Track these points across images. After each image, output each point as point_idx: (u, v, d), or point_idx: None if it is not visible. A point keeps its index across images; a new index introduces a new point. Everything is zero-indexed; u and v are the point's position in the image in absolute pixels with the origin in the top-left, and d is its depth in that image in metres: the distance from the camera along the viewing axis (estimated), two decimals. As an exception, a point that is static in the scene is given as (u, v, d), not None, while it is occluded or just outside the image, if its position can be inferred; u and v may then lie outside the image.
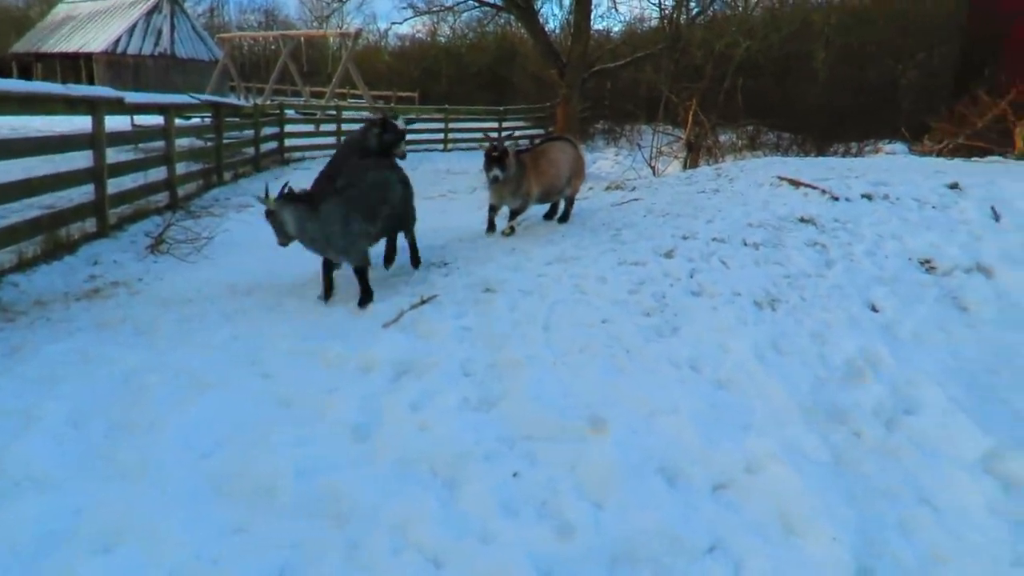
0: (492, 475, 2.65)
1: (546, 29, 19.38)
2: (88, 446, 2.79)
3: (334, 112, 17.73)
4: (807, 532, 2.40)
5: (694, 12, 19.40)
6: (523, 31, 22.56)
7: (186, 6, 34.30)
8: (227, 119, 11.06)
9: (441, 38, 36.85)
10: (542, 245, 5.99)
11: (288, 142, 14.67)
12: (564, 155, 6.97)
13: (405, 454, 2.80)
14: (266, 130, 13.44)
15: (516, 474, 2.67)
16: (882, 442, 2.94)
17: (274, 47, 34.52)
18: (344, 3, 20.98)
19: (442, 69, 33.92)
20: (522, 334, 3.91)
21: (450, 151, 18.51)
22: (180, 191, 8.51)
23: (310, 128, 17.58)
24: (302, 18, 45.02)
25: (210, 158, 10.24)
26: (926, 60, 21.29)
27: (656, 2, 20.22)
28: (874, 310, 4.21)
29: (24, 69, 31.93)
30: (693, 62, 19.48)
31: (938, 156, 11.13)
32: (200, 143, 11.22)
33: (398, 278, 5.28)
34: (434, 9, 21.17)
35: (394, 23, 52.52)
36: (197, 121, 12.16)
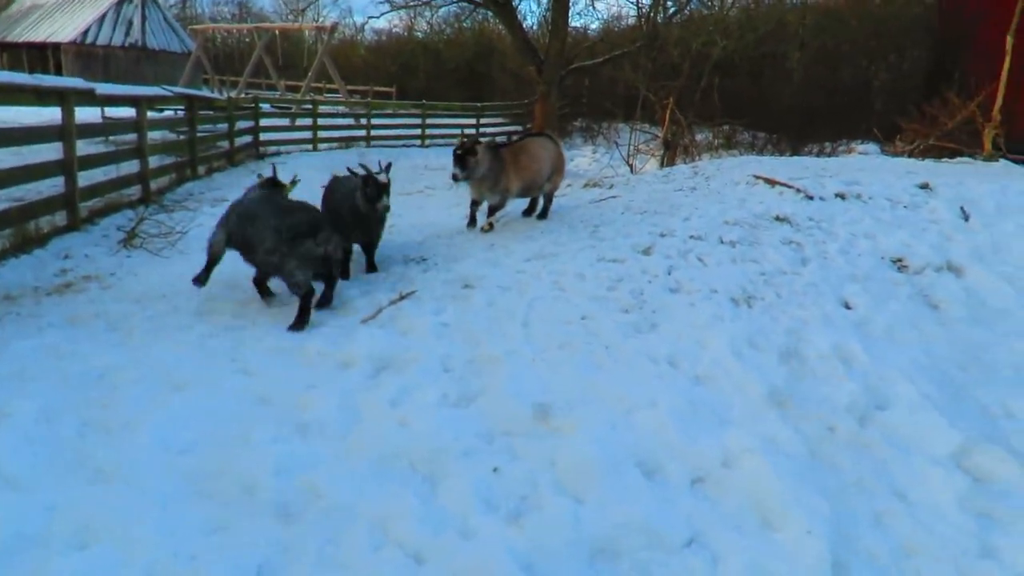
0: (472, 471, 2.65)
1: (524, 26, 19.33)
2: (60, 444, 2.74)
3: (310, 106, 17.54)
4: (783, 525, 2.44)
5: (671, 11, 19.51)
6: (501, 27, 22.48)
7: (158, -4, 33.68)
8: (201, 112, 10.88)
9: (418, 33, 36.63)
10: (521, 241, 6.00)
11: (263, 136, 14.49)
12: (545, 151, 6.98)
13: (384, 450, 2.79)
14: (240, 124, 13.24)
15: (496, 469, 2.67)
16: (856, 437, 3.00)
17: (248, 40, 34.02)
18: (320, -4, 20.73)
19: (419, 65, 33.70)
20: (501, 330, 3.92)
21: (428, 147, 18.41)
22: (153, 185, 8.35)
23: (285, 122, 17.38)
24: (277, 11, 44.50)
25: (183, 151, 10.08)
26: (897, 61, 21.64)
27: (633, 0, 20.29)
28: (847, 307, 4.28)
29: (-11, 58, 31.13)
30: (670, 61, 19.59)
31: (909, 156, 11.35)
32: (173, 136, 11.04)
33: (377, 274, 5.25)
34: (411, 4, 21.02)
35: (371, 17, 52.08)
36: (170, 114, 11.96)
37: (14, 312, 4.21)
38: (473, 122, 20.56)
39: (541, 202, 7.30)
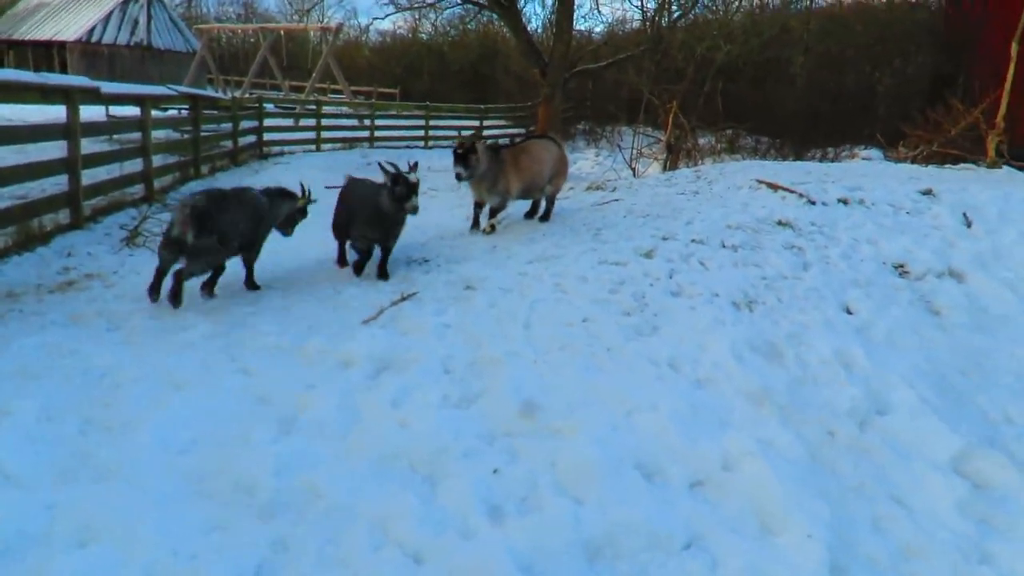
0: (472, 471, 2.66)
1: (528, 28, 19.39)
2: (62, 443, 2.74)
3: (314, 107, 17.58)
4: (782, 529, 2.44)
5: (675, 15, 19.56)
6: (505, 30, 22.55)
7: (163, -4, 33.77)
8: (205, 112, 10.91)
9: (423, 35, 36.70)
10: (523, 243, 6.00)
11: (267, 136, 14.52)
12: (547, 153, 6.99)
13: (385, 451, 2.79)
14: (244, 123, 13.27)
15: (496, 470, 2.67)
16: (856, 441, 3.00)
17: (253, 40, 34.11)
18: (325, -3, 20.80)
19: (424, 66, 33.76)
20: (502, 332, 3.92)
21: (431, 148, 18.43)
22: (156, 184, 8.37)
23: (289, 122, 17.42)
24: (282, 11, 44.57)
25: (187, 151, 10.10)
26: (902, 67, 21.63)
27: (638, 4, 20.33)
28: (849, 312, 4.28)
29: (-5, 56, 31.22)
30: (674, 65, 19.63)
31: (913, 162, 11.34)
32: (177, 135, 11.06)
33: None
34: (416, 5, 21.10)
35: (375, 18, 52.26)
36: (174, 113, 11.99)
37: (17, 310, 4.22)
38: (477, 124, 20.59)
39: (543, 204, 7.31)
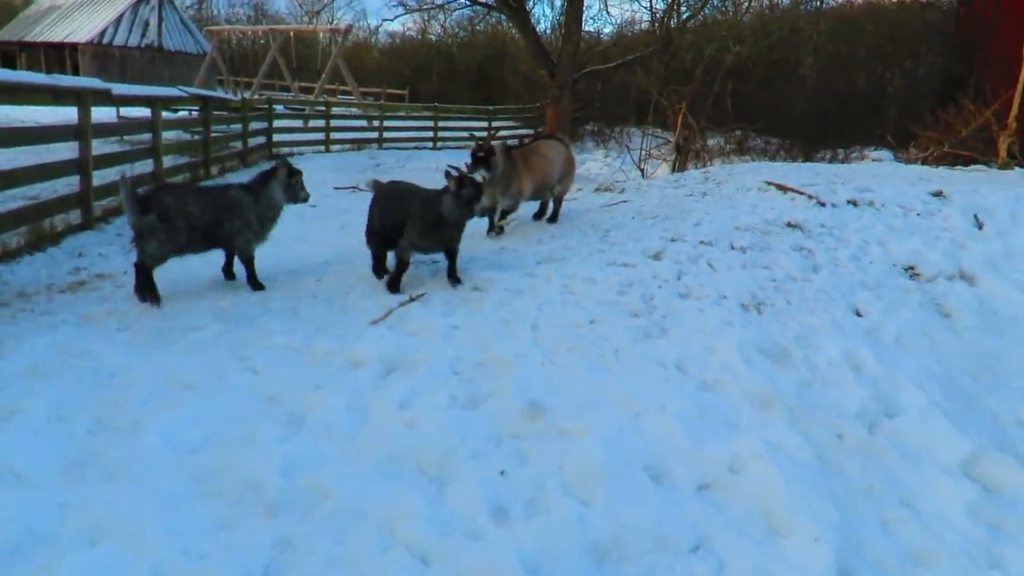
0: (480, 473, 2.66)
1: (537, 30, 19.39)
2: (71, 442, 2.76)
3: (323, 108, 17.65)
4: (790, 532, 2.43)
5: (685, 16, 19.51)
6: (514, 31, 22.55)
7: (174, -2, 33.98)
8: (215, 113, 10.98)
9: (432, 36, 36.83)
10: (531, 245, 6.00)
11: (276, 137, 14.59)
12: (556, 153, 7.00)
13: (392, 451, 2.80)
14: (254, 125, 13.35)
15: (504, 472, 2.67)
16: (865, 444, 2.98)
17: (263, 41, 34.30)
18: (334, -1, 20.89)
19: (432, 67, 33.85)
20: (510, 333, 3.92)
21: (440, 149, 18.48)
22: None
23: (299, 123, 17.50)
24: (292, 13, 44.82)
25: (197, 152, 10.17)
26: (912, 68, 21.51)
27: (647, 5, 20.30)
28: (858, 315, 4.26)
29: (7, 58, 31.46)
30: (683, 66, 19.58)
31: (923, 164, 11.27)
32: (187, 136, 11.13)
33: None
34: (425, 7, 21.15)
35: (385, 20, 52.32)
36: (185, 114, 12.06)
37: (28, 309, 4.26)
38: (485, 125, 20.62)
39: (551, 205, 7.31)
